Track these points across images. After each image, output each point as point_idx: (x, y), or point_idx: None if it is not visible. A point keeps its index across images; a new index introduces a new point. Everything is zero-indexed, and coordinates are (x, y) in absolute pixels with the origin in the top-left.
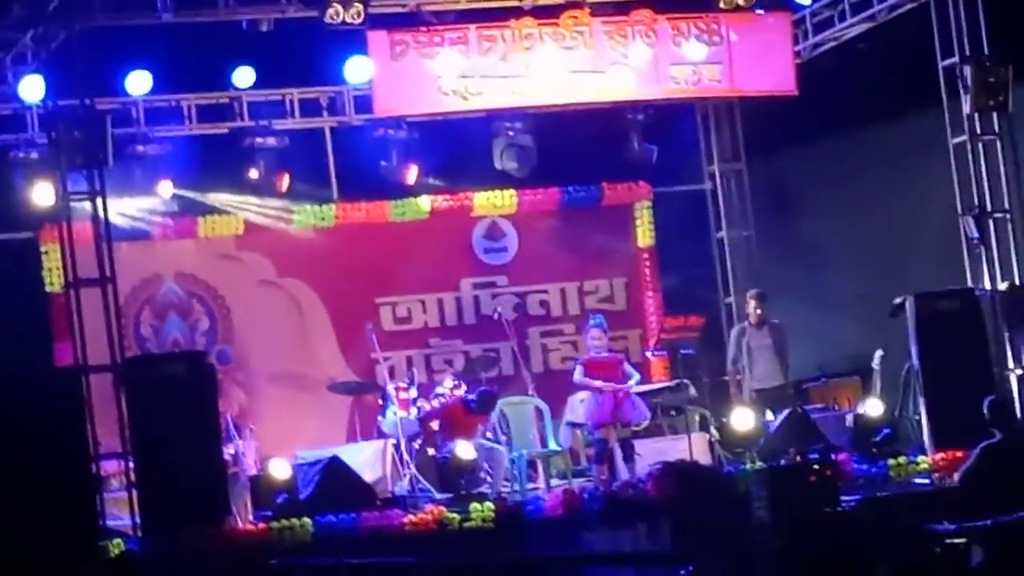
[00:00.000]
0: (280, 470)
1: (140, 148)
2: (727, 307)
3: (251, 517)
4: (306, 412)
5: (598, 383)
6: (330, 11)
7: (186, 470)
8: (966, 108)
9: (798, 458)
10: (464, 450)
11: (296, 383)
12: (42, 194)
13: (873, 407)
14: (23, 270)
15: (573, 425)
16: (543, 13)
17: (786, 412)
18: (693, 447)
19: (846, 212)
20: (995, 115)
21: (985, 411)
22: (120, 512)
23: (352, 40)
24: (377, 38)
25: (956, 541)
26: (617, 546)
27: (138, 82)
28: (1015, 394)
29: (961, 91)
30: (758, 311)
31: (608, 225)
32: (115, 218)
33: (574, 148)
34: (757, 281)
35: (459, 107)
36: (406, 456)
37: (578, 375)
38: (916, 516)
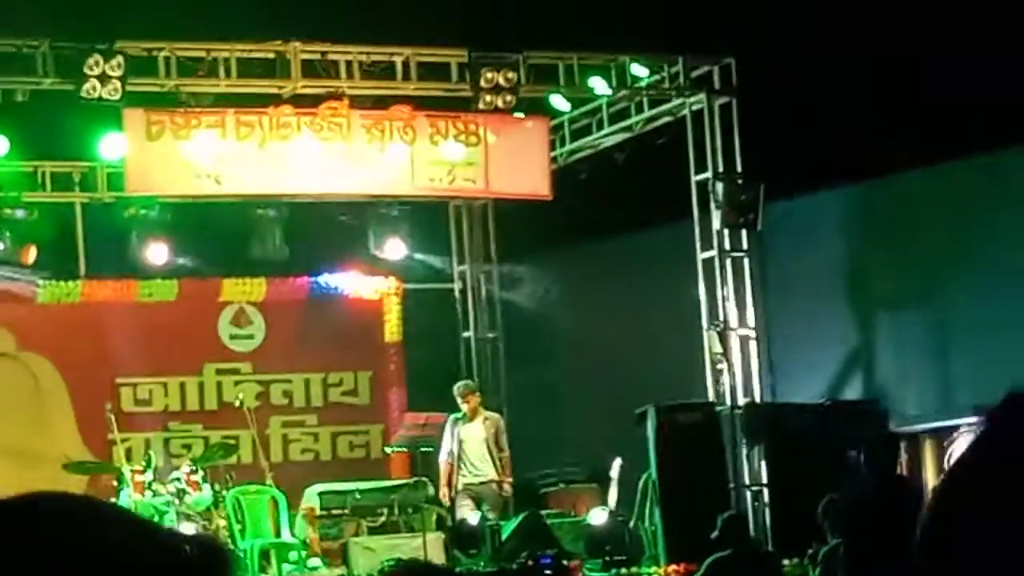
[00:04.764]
0: None
1: None
2: None
3: None
4: (40, 490)
5: None
6: (87, 86)
7: None
8: (716, 224)
9: (530, 563)
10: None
11: (30, 460)
12: None
13: (598, 516)
14: None
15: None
16: (302, 102)
17: (522, 515)
18: (428, 547)
19: (594, 319)
20: (744, 232)
21: (719, 525)
22: None
23: (108, 116)
24: (133, 116)
25: None
26: None
27: None
28: (750, 510)
29: (712, 207)
30: (467, 404)
31: (356, 318)
32: None
33: (327, 239)
34: (501, 383)
35: (213, 191)
36: None
37: None
38: None
